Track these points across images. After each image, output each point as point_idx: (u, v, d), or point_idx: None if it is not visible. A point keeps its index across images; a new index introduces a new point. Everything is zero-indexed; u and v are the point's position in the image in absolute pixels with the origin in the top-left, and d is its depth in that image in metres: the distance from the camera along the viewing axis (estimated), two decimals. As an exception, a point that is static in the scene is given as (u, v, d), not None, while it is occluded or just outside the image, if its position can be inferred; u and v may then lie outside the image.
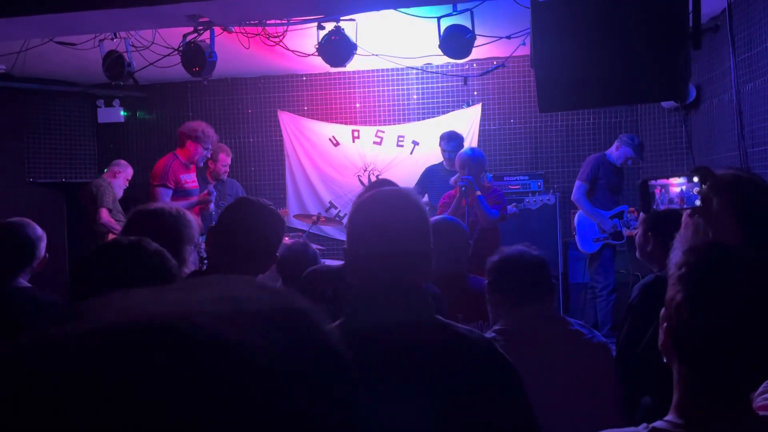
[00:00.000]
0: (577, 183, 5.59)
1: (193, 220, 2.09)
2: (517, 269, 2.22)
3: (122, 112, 7.57)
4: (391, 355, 1.28)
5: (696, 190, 1.65)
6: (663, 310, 1.17)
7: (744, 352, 1.08)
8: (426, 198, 5.41)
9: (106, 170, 6.35)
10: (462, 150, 4.96)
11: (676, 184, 1.69)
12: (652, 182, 1.72)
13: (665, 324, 1.15)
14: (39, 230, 2.75)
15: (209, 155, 5.29)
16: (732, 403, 1.11)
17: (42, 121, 7.22)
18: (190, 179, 5.15)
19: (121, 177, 6.13)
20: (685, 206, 1.67)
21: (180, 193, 5.02)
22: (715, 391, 1.11)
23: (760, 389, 1.29)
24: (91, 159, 7.62)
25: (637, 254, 2.65)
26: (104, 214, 5.86)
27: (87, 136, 7.58)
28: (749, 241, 1.56)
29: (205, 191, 5.06)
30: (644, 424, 1.14)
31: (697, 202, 1.64)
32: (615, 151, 5.52)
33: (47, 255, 2.79)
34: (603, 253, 5.47)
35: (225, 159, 6.03)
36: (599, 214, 5.44)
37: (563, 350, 2.04)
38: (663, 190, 1.69)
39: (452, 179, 4.92)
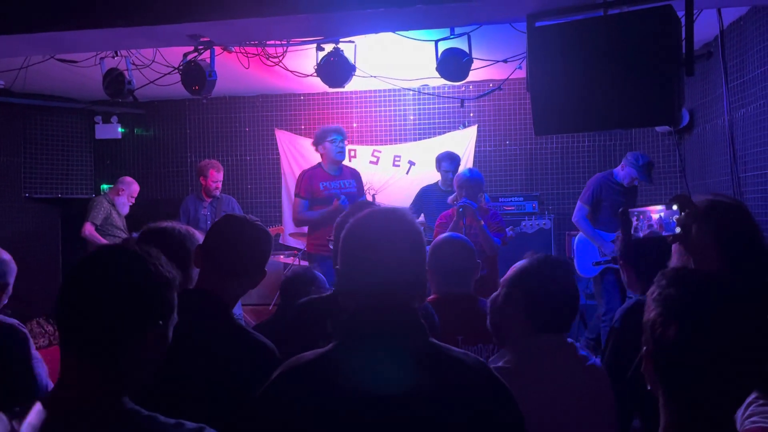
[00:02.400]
0: (578, 204, 5.42)
1: (202, 238, 2.11)
2: (552, 293, 1.96)
3: (120, 129, 7.60)
4: (384, 379, 1.27)
5: (675, 217, 1.68)
6: (643, 336, 1.20)
7: (716, 362, 1.10)
8: (422, 218, 5.43)
9: (110, 186, 6.43)
10: (461, 171, 4.99)
11: (656, 211, 1.73)
12: (632, 210, 1.77)
13: (645, 348, 1.18)
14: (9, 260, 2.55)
15: (344, 140, 5.20)
16: (714, 421, 1.12)
17: (39, 137, 7.24)
18: (331, 186, 5.11)
19: (124, 194, 6.20)
20: (664, 233, 1.71)
21: (317, 201, 5.05)
22: (694, 408, 1.13)
23: (749, 411, 1.31)
24: (88, 175, 7.63)
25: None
26: (87, 228, 5.93)
27: (84, 152, 7.60)
28: (728, 266, 1.59)
29: (336, 200, 4.94)
30: None
31: (677, 230, 1.68)
32: (621, 171, 5.33)
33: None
34: (605, 278, 5.25)
35: (215, 175, 6.06)
36: (600, 236, 5.26)
37: (569, 381, 1.92)
38: (642, 218, 1.73)
39: (450, 198, 4.95)
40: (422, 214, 5.46)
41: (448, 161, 5.45)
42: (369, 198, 6.78)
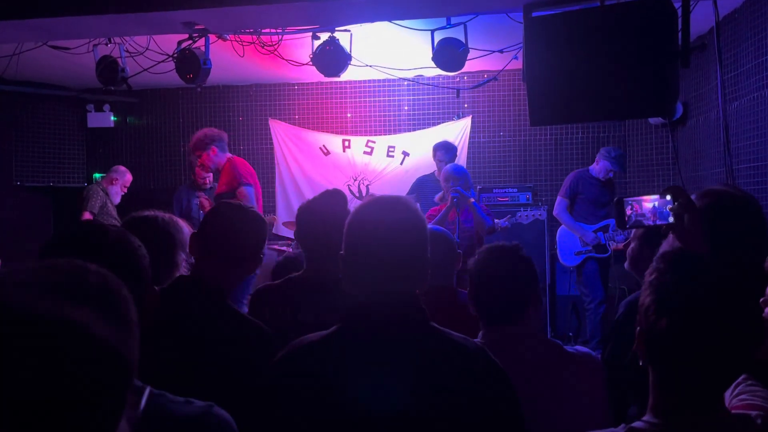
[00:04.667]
0: (558, 198, 5.69)
1: (185, 225, 2.10)
2: (491, 282, 1.93)
3: (112, 117, 7.55)
4: (386, 361, 1.30)
5: (669, 207, 1.71)
6: (638, 315, 1.22)
7: (708, 351, 1.12)
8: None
9: (103, 175, 6.42)
10: (446, 167, 5.01)
11: (650, 201, 1.75)
12: (627, 199, 1.79)
13: (638, 328, 1.20)
14: None
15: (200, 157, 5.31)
16: (704, 401, 1.15)
17: (31, 125, 7.18)
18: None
19: (117, 184, 6.22)
20: (657, 222, 1.73)
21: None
22: (685, 389, 1.15)
23: (737, 390, 1.33)
24: (80, 164, 7.59)
25: (626, 265, 2.66)
26: (86, 217, 5.96)
27: (76, 141, 7.55)
28: (718, 256, 1.60)
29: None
30: (623, 425, 1.18)
31: (671, 219, 1.70)
32: (596, 166, 5.60)
33: None
34: (586, 267, 5.51)
35: (200, 173, 6.07)
36: (580, 227, 5.51)
37: (549, 373, 1.87)
38: (637, 206, 1.75)
39: (437, 196, 4.98)
40: (418, 204, 5.46)
41: (443, 151, 5.47)
42: (363, 189, 6.81)
